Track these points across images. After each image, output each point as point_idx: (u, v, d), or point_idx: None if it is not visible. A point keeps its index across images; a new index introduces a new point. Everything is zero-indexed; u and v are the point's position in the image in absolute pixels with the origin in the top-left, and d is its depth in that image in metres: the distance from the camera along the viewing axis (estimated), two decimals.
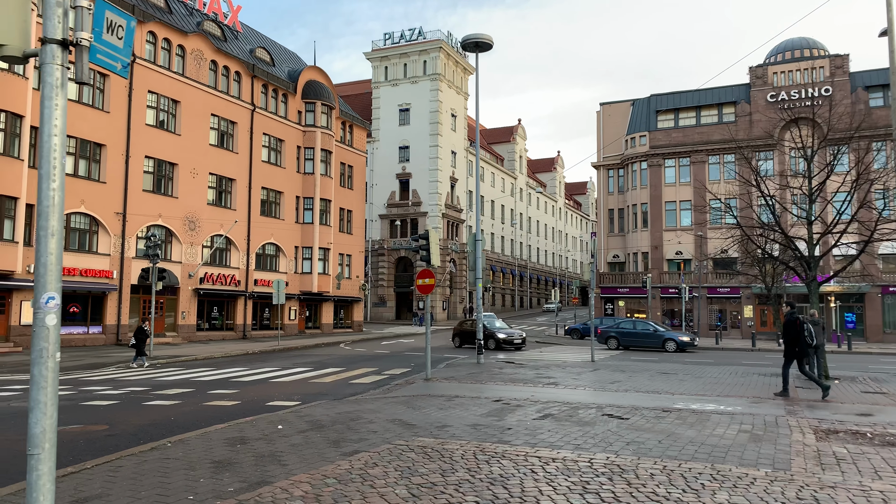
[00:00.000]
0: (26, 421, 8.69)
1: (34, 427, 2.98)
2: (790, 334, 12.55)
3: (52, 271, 3.09)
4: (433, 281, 14.71)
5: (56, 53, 3.13)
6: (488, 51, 20.10)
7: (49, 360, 3.04)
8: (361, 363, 20.78)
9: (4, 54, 3.29)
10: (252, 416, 8.67)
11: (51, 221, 3.13)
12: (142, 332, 20.53)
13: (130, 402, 11.19)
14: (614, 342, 30.32)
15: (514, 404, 9.90)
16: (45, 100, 3.14)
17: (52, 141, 3.14)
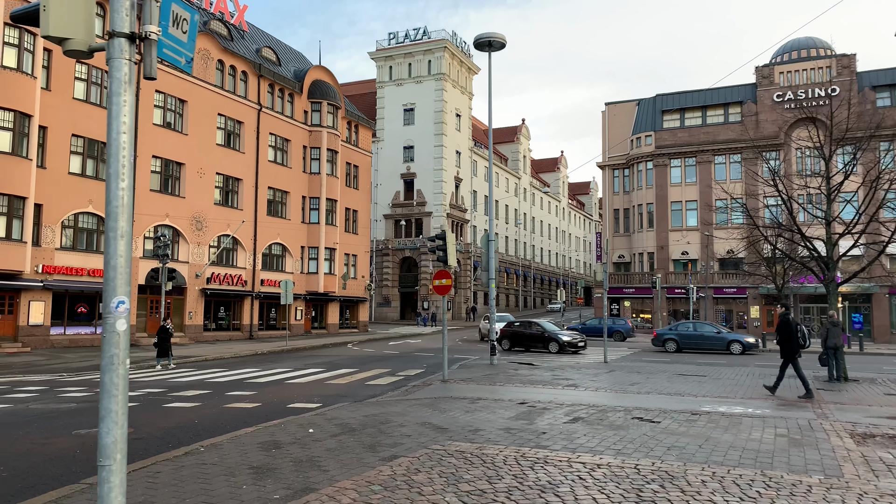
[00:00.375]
0: (50, 423, 8.57)
1: (105, 437, 2.85)
2: (784, 335, 12.92)
3: (122, 274, 2.97)
4: (450, 281, 14.57)
5: (124, 47, 3.01)
6: (501, 49, 19.97)
7: (119, 366, 2.92)
8: (373, 364, 20.66)
9: (70, 48, 3.16)
10: (278, 420, 8.54)
11: (120, 222, 3.00)
12: (165, 332, 20.00)
13: (150, 404, 11.07)
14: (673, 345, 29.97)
15: (539, 407, 9.78)
16: (113, 96, 3.02)
17: (120, 139, 3.02)
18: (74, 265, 27.83)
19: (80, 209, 28.30)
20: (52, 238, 27.09)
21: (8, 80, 24.69)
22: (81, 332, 28.46)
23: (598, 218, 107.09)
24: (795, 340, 12.78)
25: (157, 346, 20.07)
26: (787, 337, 12.82)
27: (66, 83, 27.80)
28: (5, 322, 25.76)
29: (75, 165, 28.28)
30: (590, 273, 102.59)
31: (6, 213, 24.68)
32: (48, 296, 26.96)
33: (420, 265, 59.76)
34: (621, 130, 55.99)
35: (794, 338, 12.78)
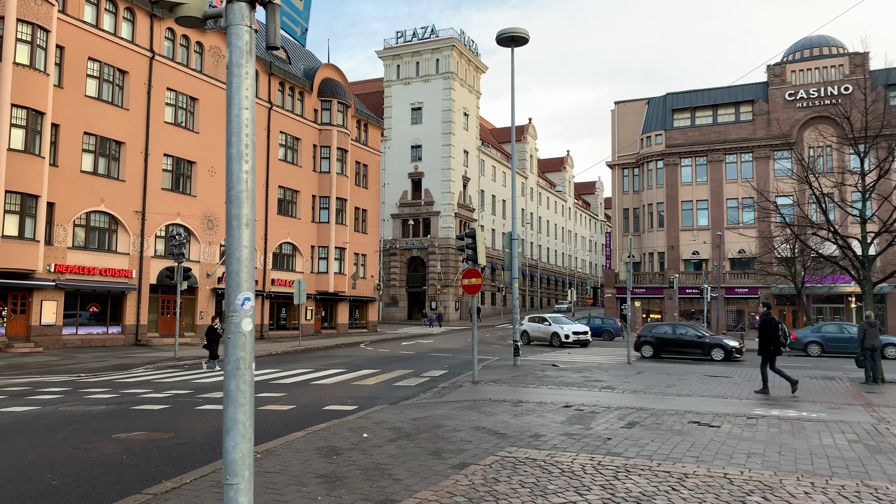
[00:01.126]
0: (85, 426, 8.24)
1: (232, 452, 2.52)
2: (765, 334, 13.18)
3: (248, 267, 2.64)
4: (480, 281, 14.26)
5: (244, 13, 2.68)
6: (524, 45, 19.64)
7: (246, 371, 2.59)
8: (394, 365, 20.33)
9: (182, 14, 2.84)
10: (323, 424, 8.21)
11: (244, 209, 2.68)
12: (213, 332, 18.84)
13: (182, 406, 10.75)
14: None
15: (587, 411, 9.45)
16: (233, 67, 2.70)
17: (242, 116, 2.69)
18: (86, 264, 27.53)
19: (92, 208, 28.00)
20: (64, 237, 26.80)
21: (21, 76, 24.39)
22: (93, 332, 28.16)
23: (603, 218, 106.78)
24: (776, 340, 13.10)
25: (207, 346, 18.94)
26: (769, 336, 13.10)
27: (79, 80, 27.50)
28: (18, 322, 25.45)
29: (87, 164, 27.98)
30: (595, 273, 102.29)
31: (19, 211, 24.38)
32: (60, 295, 26.67)
33: (428, 265, 59.45)
34: (631, 129, 55.68)
35: (775, 337, 13.11)
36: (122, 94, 29.62)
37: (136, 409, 10.34)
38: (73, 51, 27.26)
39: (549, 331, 32.30)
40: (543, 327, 32.61)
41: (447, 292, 58.59)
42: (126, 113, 29.51)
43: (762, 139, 49.57)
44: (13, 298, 25.32)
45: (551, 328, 32.28)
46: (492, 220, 68.07)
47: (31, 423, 8.86)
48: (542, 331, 32.54)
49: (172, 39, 32.15)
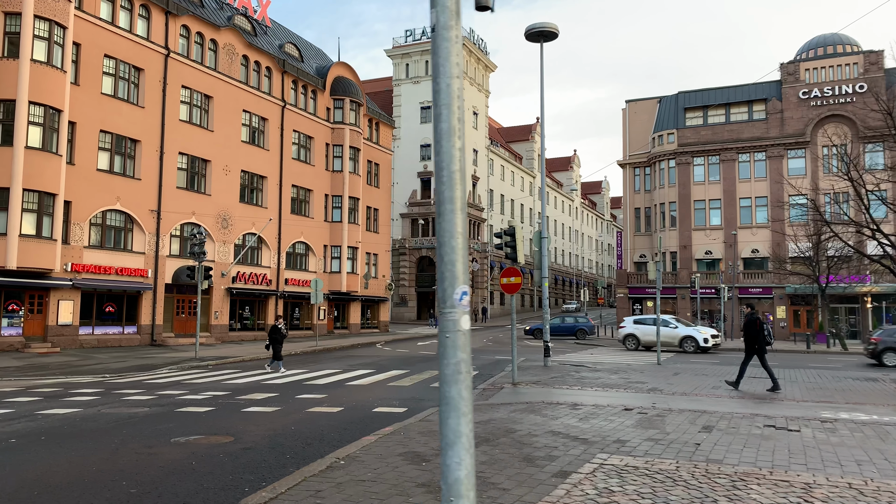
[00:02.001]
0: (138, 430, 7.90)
1: (456, 470, 2.17)
2: (750, 333, 13.82)
3: (463, 258, 2.32)
4: (520, 279, 13.92)
5: None
6: (553, 40, 19.33)
7: (467, 376, 2.26)
8: (420, 365, 19.99)
9: None
10: (389, 427, 7.87)
11: (456, 191, 2.36)
12: (277, 332, 18.05)
13: (227, 408, 10.42)
14: None
15: (651, 414, 9.12)
16: (441, 30, 2.37)
17: (453, 86, 2.37)
18: (102, 263, 27.22)
19: (108, 206, 27.69)
20: (80, 236, 26.49)
21: (38, 73, 24.10)
22: (109, 332, 27.85)
23: (609, 218, 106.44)
24: (761, 339, 13.76)
25: (271, 347, 18.10)
26: (754, 335, 13.74)
27: (95, 78, 27.20)
28: (35, 322, 25.15)
29: (103, 162, 27.68)
30: (602, 273, 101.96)
31: (37, 210, 24.08)
32: (77, 295, 26.35)
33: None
34: (642, 128, 55.32)
35: (760, 336, 13.77)
36: (137, 91, 29.31)
37: (180, 411, 10.01)
38: (90, 48, 26.96)
39: (677, 335, 28.86)
40: (668, 331, 28.71)
41: None
42: (141, 111, 29.20)
43: (776, 138, 49.21)
44: (30, 298, 25.02)
45: (682, 331, 28.95)
46: (500, 219, 67.73)
47: (80, 427, 8.54)
48: (668, 335, 28.35)
49: (187, 37, 31.84)
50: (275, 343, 17.89)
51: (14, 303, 24.55)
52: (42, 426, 8.57)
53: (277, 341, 17.87)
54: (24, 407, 10.53)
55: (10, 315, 24.46)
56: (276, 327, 18.30)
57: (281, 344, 18.02)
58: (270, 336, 18.14)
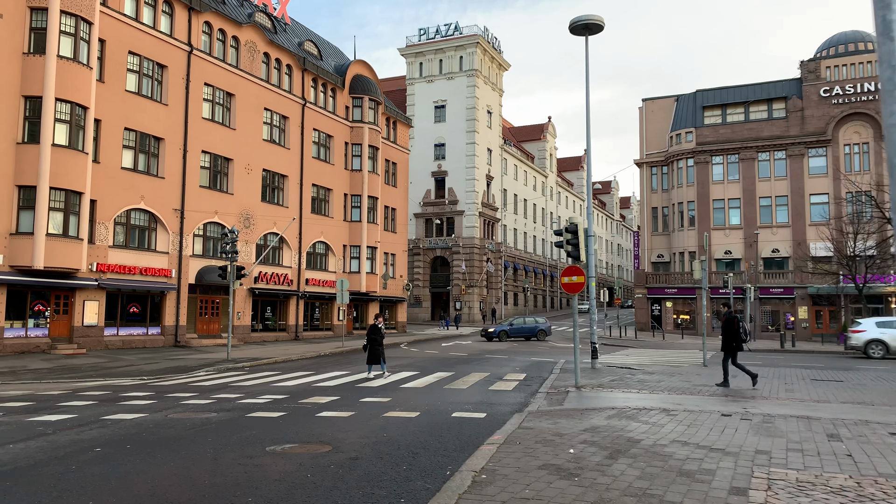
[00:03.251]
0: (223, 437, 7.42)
1: None
2: (728, 331, 14.14)
3: None
4: (583, 278, 13.42)
5: None
6: (599, 33, 18.83)
7: None
8: (462, 367, 19.50)
9: None
10: (497, 435, 7.38)
11: None
12: (377, 333, 16.08)
13: (298, 413, 9.94)
14: None
15: (758, 420, 8.63)
16: None
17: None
18: (127, 263, 26.78)
19: (133, 205, 27.25)
20: (105, 235, 26.05)
21: (64, 70, 23.66)
22: (133, 333, 27.41)
23: (618, 218, 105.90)
24: (738, 337, 14.10)
25: (370, 349, 16.02)
26: (732, 333, 14.08)
27: (119, 75, 26.76)
28: (61, 323, 24.70)
29: (127, 160, 27.25)
30: (612, 273, 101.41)
31: (63, 209, 23.64)
32: (102, 295, 25.92)
33: (452, 265, 58.65)
34: (659, 127, 54.80)
35: (737, 334, 14.10)
36: (160, 88, 28.88)
37: (253, 416, 9.53)
38: (114, 44, 26.53)
39: None
40: None
41: (472, 292, 57.76)
42: (165, 108, 28.77)
43: (796, 136, 48.71)
44: (56, 299, 24.57)
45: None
46: (514, 219, 67.25)
47: (159, 433, 8.07)
48: None
49: (209, 34, 31.40)
50: (374, 344, 15.86)
51: (40, 303, 24.10)
52: (118, 433, 8.10)
53: (378, 342, 15.91)
54: (84, 412, 10.06)
55: (36, 315, 24.01)
56: (376, 327, 16.27)
57: (382, 345, 16.08)
58: (369, 336, 16.07)
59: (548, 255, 74.87)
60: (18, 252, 22.69)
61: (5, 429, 8.46)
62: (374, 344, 15.76)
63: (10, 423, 8.82)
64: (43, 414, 9.78)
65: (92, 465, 6.30)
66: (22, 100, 23.16)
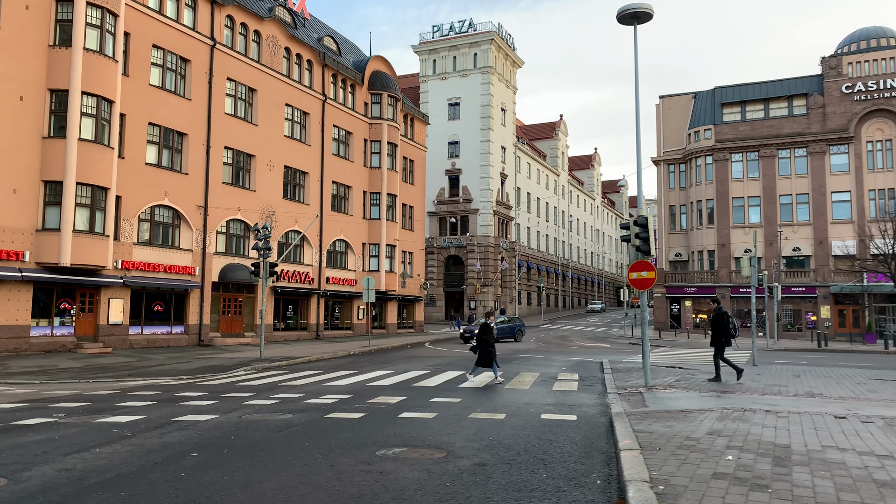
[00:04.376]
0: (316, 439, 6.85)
1: None
2: (718, 327, 14.38)
3: None
4: (653, 274, 12.86)
5: None
6: (648, 22, 18.24)
7: None
8: (506, 367, 18.91)
9: None
10: (625, 441, 6.84)
11: None
12: (489, 333, 14.35)
13: (378, 413, 9.37)
14: None
15: (879, 423, 8.09)
16: None
17: None
18: (151, 261, 26.24)
19: (157, 202, 26.71)
20: (129, 232, 25.51)
21: (91, 63, 23.11)
22: (158, 332, 26.85)
23: (627, 217, 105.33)
24: (728, 332, 14.35)
25: (479, 350, 14.29)
26: (721, 329, 14.33)
27: (143, 68, 26.22)
28: (86, 321, 24.15)
29: (151, 156, 26.70)
30: (621, 273, 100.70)
31: (89, 204, 23.09)
32: (127, 293, 25.37)
33: (466, 264, 58.08)
34: (676, 124, 54.25)
35: (727, 330, 14.34)
36: (184, 83, 28.34)
37: (333, 417, 8.97)
38: (138, 37, 25.98)
39: None
40: None
41: (486, 291, 57.18)
42: (188, 103, 28.22)
43: (817, 133, 48.14)
44: (81, 297, 24.01)
45: None
46: (527, 218, 66.68)
47: (248, 437, 7.50)
48: None
49: (231, 28, 30.85)
50: (486, 346, 14.15)
51: (66, 301, 23.55)
52: (203, 436, 7.54)
53: (490, 343, 14.18)
54: (149, 412, 9.51)
55: (61, 314, 23.46)
56: (489, 326, 14.57)
57: (494, 347, 14.35)
58: (480, 337, 14.30)
59: (559, 254, 74.31)
60: (45, 249, 22.15)
61: (78, 431, 7.91)
62: (485, 345, 14.15)
63: (80, 426, 8.26)
64: (107, 415, 9.22)
65: (201, 473, 5.74)
66: (48, 93, 22.62)
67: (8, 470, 5.81)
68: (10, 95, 21.54)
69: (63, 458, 6.35)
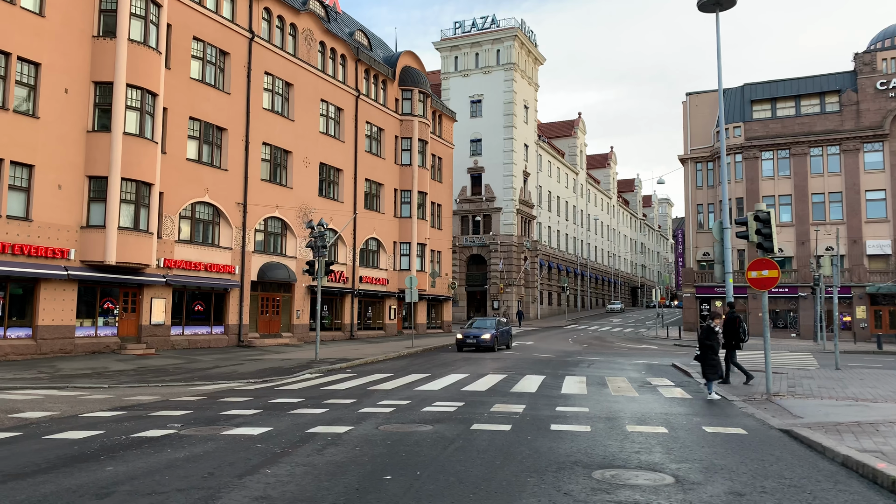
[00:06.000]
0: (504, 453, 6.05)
1: None
2: (730, 330, 14.39)
3: None
4: (776, 272, 12.07)
5: None
6: (731, 8, 17.51)
7: None
8: (583, 370, 18.17)
9: None
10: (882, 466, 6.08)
11: None
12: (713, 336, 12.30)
13: (525, 425, 8.49)
14: None
15: None
16: None
17: None
18: (192, 259, 25.46)
19: (198, 199, 25.94)
20: (171, 229, 24.73)
21: (135, 54, 22.34)
22: (198, 333, 26.08)
23: (641, 216, 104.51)
24: (739, 335, 14.36)
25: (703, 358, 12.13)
26: (732, 331, 14.36)
27: (184, 61, 25.45)
28: (129, 321, 23.37)
29: (192, 151, 25.93)
30: (636, 273, 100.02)
31: (134, 201, 22.32)
32: (168, 292, 24.59)
33: (489, 263, 57.28)
34: (703, 122, 53.45)
35: (738, 332, 14.36)
36: (223, 77, 27.56)
37: (481, 429, 8.17)
38: (179, 29, 25.21)
39: None
40: None
41: (510, 291, 56.39)
42: (228, 97, 27.45)
43: (851, 131, 47.30)
44: (124, 296, 23.23)
45: None
46: (548, 217, 65.89)
47: (417, 454, 6.67)
48: None
49: (269, 20, 30.07)
50: (710, 352, 12.02)
51: (109, 301, 22.77)
52: (366, 453, 6.69)
53: (714, 350, 12.14)
54: (269, 422, 8.71)
55: (105, 314, 22.69)
56: (711, 329, 12.43)
57: (717, 354, 12.25)
58: (704, 343, 12.20)
59: (578, 254, 73.51)
60: (90, 246, 21.38)
61: (216, 446, 7.11)
62: (710, 352, 12.03)
63: (213, 439, 7.47)
64: (226, 426, 8.42)
65: None
66: (92, 85, 21.84)
67: (193, 499, 5.03)
68: (56, 87, 20.77)
69: (239, 480, 5.58)
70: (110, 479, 5.61)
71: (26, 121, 19.91)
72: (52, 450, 6.96)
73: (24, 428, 8.39)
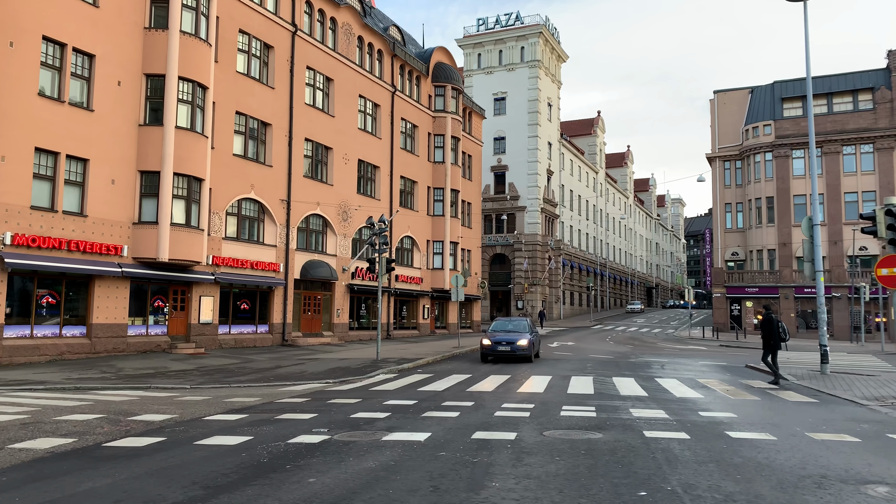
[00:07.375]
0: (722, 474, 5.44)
1: None
2: (767, 331, 14.33)
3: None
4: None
5: None
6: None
7: None
8: (657, 372, 17.60)
9: None
10: None
11: None
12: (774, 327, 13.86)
13: (698, 432, 7.93)
14: None
15: None
16: None
17: None
18: (238, 256, 24.93)
19: (243, 195, 25.41)
20: (219, 226, 24.20)
21: (187, 46, 21.81)
22: (244, 331, 25.55)
23: (656, 216, 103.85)
24: (777, 336, 14.17)
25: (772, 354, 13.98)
26: (770, 332, 14.22)
27: (230, 54, 24.92)
28: (178, 320, 22.82)
29: (238, 146, 25.39)
30: (652, 273, 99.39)
31: (185, 196, 21.77)
32: (216, 290, 24.04)
33: (514, 262, 56.70)
34: (732, 120, 52.85)
35: (776, 334, 14.17)
36: (267, 71, 27.01)
37: (656, 436, 7.59)
38: (226, 21, 24.69)
39: None
40: None
41: (534, 291, 55.81)
42: (272, 92, 26.92)
43: (885, 129, 46.69)
44: (173, 294, 22.68)
45: None
46: (570, 216, 65.30)
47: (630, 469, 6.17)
48: None
49: (310, 14, 29.53)
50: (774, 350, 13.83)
51: (159, 299, 22.22)
52: (581, 464, 6.17)
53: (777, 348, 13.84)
54: (421, 426, 8.16)
55: (155, 312, 22.13)
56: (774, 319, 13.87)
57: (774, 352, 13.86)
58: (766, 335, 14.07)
59: (597, 253, 72.91)
60: (142, 243, 20.84)
61: (398, 455, 6.52)
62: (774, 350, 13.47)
63: (389, 447, 6.87)
64: (375, 430, 7.86)
65: None
66: (143, 78, 21.30)
67: None
68: (109, 80, 20.22)
69: (476, 495, 5.00)
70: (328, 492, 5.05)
71: (81, 114, 19.39)
72: (219, 458, 6.40)
73: (157, 433, 7.84)
